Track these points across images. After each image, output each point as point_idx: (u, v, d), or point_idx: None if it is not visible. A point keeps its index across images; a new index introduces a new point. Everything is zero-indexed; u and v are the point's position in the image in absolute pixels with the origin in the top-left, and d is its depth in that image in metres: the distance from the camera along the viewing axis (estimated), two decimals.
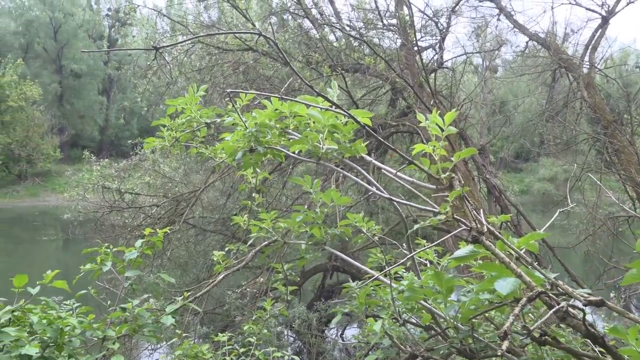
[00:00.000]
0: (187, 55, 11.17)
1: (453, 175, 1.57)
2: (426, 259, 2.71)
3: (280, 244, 2.20)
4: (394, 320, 1.95)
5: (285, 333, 11.94)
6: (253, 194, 2.95)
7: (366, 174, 1.79)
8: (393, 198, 1.68)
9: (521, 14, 24.09)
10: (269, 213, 2.19)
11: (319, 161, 1.76)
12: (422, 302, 1.82)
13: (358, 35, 11.80)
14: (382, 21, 13.04)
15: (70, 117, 57.66)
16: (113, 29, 66.51)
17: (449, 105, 11.10)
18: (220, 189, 11.25)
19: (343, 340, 12.71)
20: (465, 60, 12.22)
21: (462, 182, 1.55)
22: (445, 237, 5.78)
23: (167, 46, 5.88)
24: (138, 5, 13.24)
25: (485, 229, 1.49)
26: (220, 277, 6.47)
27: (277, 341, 10.37)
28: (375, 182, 1.74)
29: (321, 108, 1.69)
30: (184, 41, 6.67)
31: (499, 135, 16.79)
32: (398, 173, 1.72)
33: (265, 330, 3.70)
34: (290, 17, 13.13)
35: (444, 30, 13.19)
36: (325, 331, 12.74)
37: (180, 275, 10.61)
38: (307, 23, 12.34)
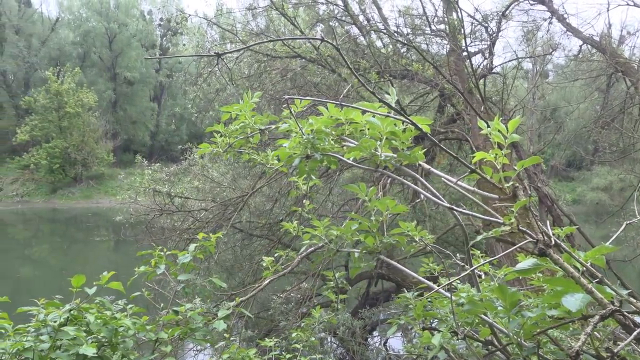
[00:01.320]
0: (237, 62, 11.39)
1: (517, 184, 1.51)
2: (481, 270, 2.63)
3: (333, 252, 2.17)
4: (452, 333, 1.89)
5: (329, 339, 11.90)
6: (304, 201, 2.94)
7: (424, 182, 1.75)
8: (454, 208, 1.63)
9: (574, 17, 23.31)
10: (321, 220, 2.17)
11: (377, 169, 1.73)
12: (482, 316, 1.75)
13: (406, 41, 11.70)
14: (430, 27, 12.90)
15: (123, 122, 59.84)
16: (164, 38, 68.66)
17: (499, 112, 10.84)
18: (267, 194, 11.37)
19: (386, 349, 12.55)
20: (517, 65, 11.91)
21: (528, 191, 1.49)
22: (511, 249, 5.57)
23: (229, 52, 6.04)
24: (189, 15, 13.60)
25: (553, 242, 1.42)
26: (267, 281, 6.52)
27: (321, 347, 10.34)
28: (434, 190, 1.70)
29: (380, 115, 1.67)
30: (245, 47, 6.80)
31: (550, 143, 16.26)
32: (458, 182, 1.67)
33: (313, 338, 3.67)
34: (337, 24, 13.18)
35: (494, 35, 12.91)
36: (369, 339, 12.61)
37: (226, 278, 10.76)
38: (354, 30, 12.34)
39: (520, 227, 1.48)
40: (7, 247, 29.85)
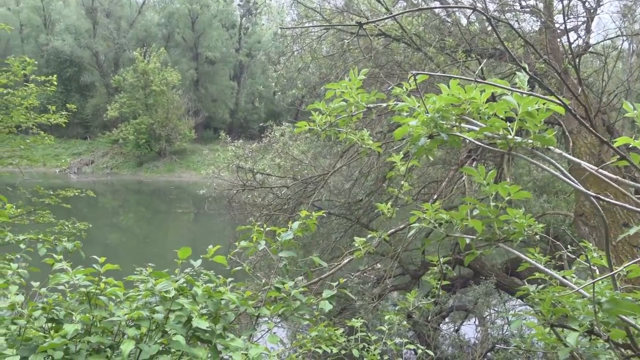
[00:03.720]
0: (319, 41, 11.33)
1: None
2: (595, 265, 2.44)
3: (442, 236, 2.08)
4: (586, 333, 1.75)
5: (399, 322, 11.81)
6: (402, 182, 2.85)
7: (560, 166, 1.61)
8: (601, 197, 1.48)
9: None
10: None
11: (510, 151, 1.62)
12: (623, 317, 1.61)
13: (494, 18, 11.12)
14: (520, 2, 12.19)
15: (204, 100, 61.91)
16: (244, 18, 69.87)
17: (598, 93, 10.10)
18: (345, 174, 11.34)
19: (459, 336, 12.27)
20: (621, 43, 11.00)
21: None
22: None
23: (372, 22, 5.97)
24: None
25: None
26: (346, 260, 6.50)
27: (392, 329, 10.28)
28: (571, 177, 1.55)
29: (522, 93, 1.54)
30: (388, 17, 6.70)
31: None
32: (599, 170, 1.52)
33: (405, 322, 3.60)
34: (422, 0, 12.76)
35: (592, 10, 11.99)
36: (441, 324, 12.38)
37: (303, 255, 10.92)
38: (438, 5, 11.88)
39: None
40: (98, 215, 31.98)
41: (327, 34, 11.00)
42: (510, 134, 1.59)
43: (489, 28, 11.86)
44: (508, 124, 1.61)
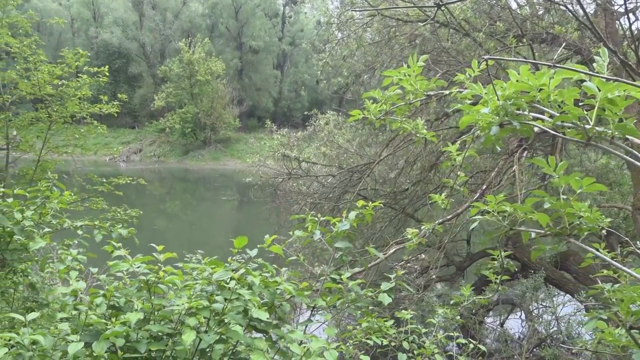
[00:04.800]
0: (364, 28, 11.17)
1: None
2: None
3: (506, 230, 1.99)
4: None
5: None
6: (458, 172, 2.76)
7: None
8: None
9: None
10: (495, 196, 1.99)
11: (589, 142, 1.52)
12: None
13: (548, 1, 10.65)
14: None
15: (248, 89, 62.51)
16: (287, 7, 69.92)
17: None
18: (389, 163, 11.20)
19: (504, 330, 11.98)
20: None
21: None
22: None
23: (452, 2, 5.87)
24: None
25: None
26: (392, 250, 6.43)
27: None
28: None
29: (606, 78, 1.44)
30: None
31: None
32: None
33: (458, 317, 3.51)
34: None
35: None
36: (485, 317, 12.12)
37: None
38: None
39: None
40: (145, 201, 32.90)
41: (372, 20, 10.83)
42: (590, 123, 1.49)
43: (540, 11, 11.40)
44: (587, 112, 1.51)
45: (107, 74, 9.45)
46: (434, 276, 10.18)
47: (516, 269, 10.57)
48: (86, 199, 9.36)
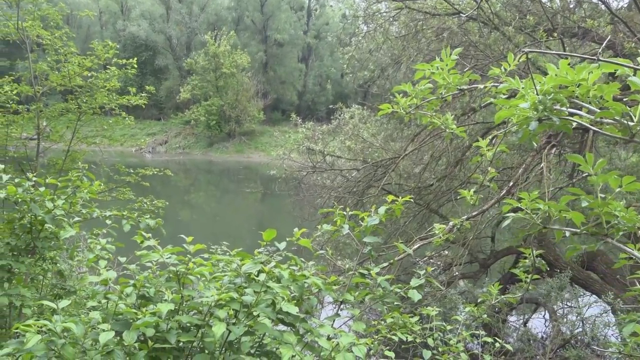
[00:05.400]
0: (391, 22, 11.06)
1: None
2: None
3: (538, 228, 1.94)
4: None
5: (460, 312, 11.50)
6: (488, 168, 2.71)
7: None
8: None
9: None
10: (529, 193, 1.94)
11: (633, 139, 1.47)
12: None
13: None
14: None
15: (272, 82, 62.68)
16: (312, 0, 69.76)
17: None
18: (413, 158, 11.11)
19: (527, 329, 11.80)
20: None
21: None
22: None
23: None
24: None
25: None
26: (416, 246, 6.38)
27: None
28: None
29: None
30: None
31: None
32: None
33: (485, 315, 3.46)
34: None
35: None
36: (508, 316, 11.94)
37: None
38: None
39: None
40: (170, 192, 33.33)
41: (399, 13, 10.72)
42: (633, 120, 1.44)
43: (572, 5, 11.11)
44: (630, 108, 1.46)
45: (135, 66, 9.57)
46: (456, 273, 10.08)
47: (547, 268, 10.40)
48: (113, 189, 9.52)
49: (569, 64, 1.68)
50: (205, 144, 56.31)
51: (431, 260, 10.55)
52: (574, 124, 1.65)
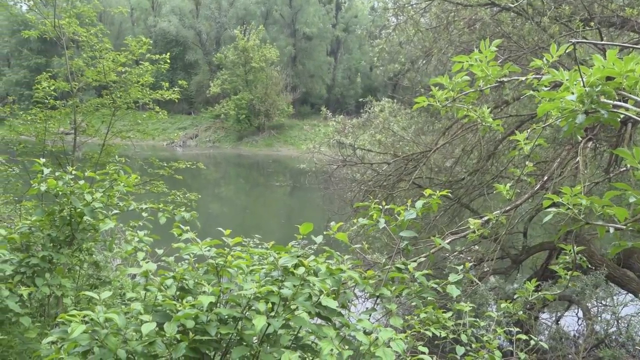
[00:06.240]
0: (421, 14, 10.93)
1: None
2: None
3: (581, 224, 1.90)
4: None
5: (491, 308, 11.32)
6: (526, 162, 2.65)
7: None
8: None
9: None
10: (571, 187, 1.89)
11: None
12: None
13: None
14: None
15: (301, 76, 62.73)
16: None
17: None
18: (444, 151, 10.97)
19: (559, 327, 11.55)
20: None
21: None
22: None
23: None
24: None
25: None
26: (447, 240, 6.31)
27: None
28: None
29: None
30: None
31: None
32: None
33: (521, 312, 3.41)
34: None
35: None
36: (540, 313, 11.70)
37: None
38: None
39: None
40: (200, 185, 33.78)
41: (430, 5, 10.58)
42: None
43: None
44: None
45: (168, 61, 9.71)
46: (487, 268, 9.93)
47: (589, 265, 10.17)
48: (147, 182, 9.71)
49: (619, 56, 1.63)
50: (235, 137, 56.84)
51: (461, 255, 10.42)
52: (621, 117, 1.60)
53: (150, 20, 64.49)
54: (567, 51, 1.72)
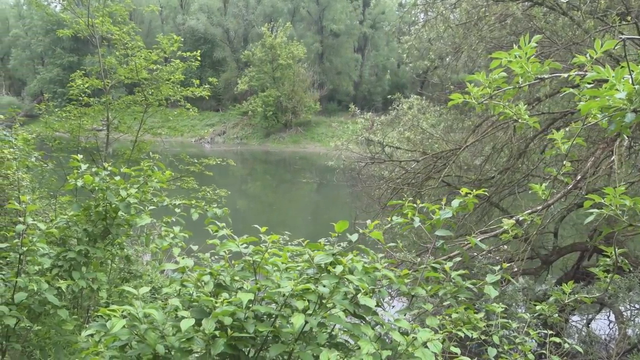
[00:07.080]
0: (451, 9, 10.80)
1: None
2: None
3: (624, 225, 1.85)
4: None
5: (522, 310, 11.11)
6: (564, 162, 2.60)
7: None
8: None
9: None
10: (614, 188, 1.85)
11: None
12: None
13: None
14: None
15: (328, 73, 62.63)
16: None
17: None
18: (474, 150, 10.83)
19: (589, 330, 11.27)
20: None
21: None
22: None
23: None
24: None
25: None
26: (477, 239, 6.21)
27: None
28: None
29: None
30: None
31: None
32: None
33: (556, 315, 3.34)
34: None
35: None
36: (570, 316, 11.45)
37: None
38: None
39: None
40: (228, 182, 34.11)
41: (461, 0, 10.43)
42: None
43: None
44: None
45: (199, 58, 9.82)
46: (516, 268, 9.76)
47: (630, 268, 9.92)
48: (178, 179, 9.86)
49: None
50: (262, 134, 57.15)
51: (489, 254, 10.27)
52: None
53: (179, 18, 65.30)
54: (608, 47, 1.67)
